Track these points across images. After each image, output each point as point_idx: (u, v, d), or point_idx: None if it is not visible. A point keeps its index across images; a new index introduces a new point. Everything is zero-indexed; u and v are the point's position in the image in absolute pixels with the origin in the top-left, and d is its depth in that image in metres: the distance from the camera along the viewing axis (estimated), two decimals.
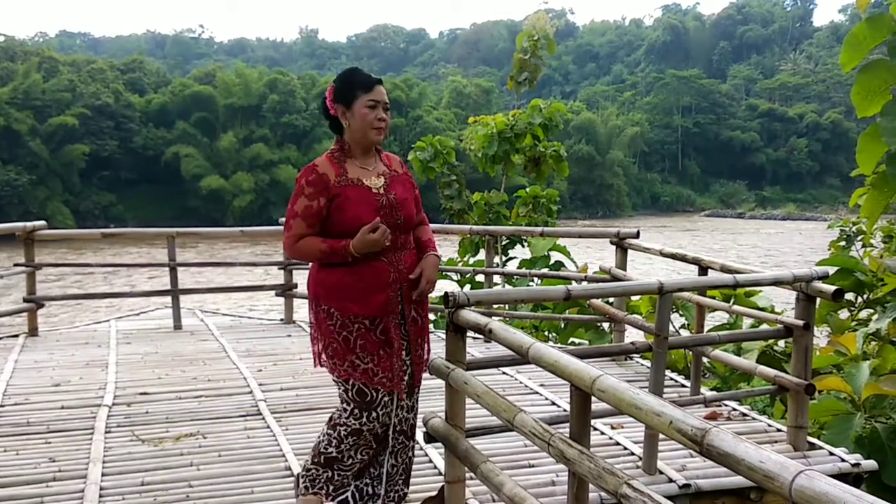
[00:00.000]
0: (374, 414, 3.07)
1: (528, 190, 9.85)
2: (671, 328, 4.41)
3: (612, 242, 5.85)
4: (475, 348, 5.84)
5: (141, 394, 5.01)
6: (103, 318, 8.75)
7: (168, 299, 7.29)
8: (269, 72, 63.86)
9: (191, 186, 53.23)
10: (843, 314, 6.76)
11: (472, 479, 3.18)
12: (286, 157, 55.64)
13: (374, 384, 3.04)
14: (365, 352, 3.04)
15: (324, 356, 3.11)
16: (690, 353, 4.92)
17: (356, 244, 2.99)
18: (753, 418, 4.56)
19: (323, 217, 3.04)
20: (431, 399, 4.74)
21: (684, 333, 6.68)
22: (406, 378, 3.16)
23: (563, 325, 7.61)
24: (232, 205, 52.42)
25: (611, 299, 5.81)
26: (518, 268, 8.36)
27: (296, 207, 3.04)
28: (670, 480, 3.61)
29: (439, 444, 3.30)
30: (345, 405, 3.10)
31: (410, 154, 10.27)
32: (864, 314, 6.74)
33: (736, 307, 5.44)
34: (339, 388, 3.13)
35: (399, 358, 3.09)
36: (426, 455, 3.91)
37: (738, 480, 3.50)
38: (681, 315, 6.99)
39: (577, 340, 7.41)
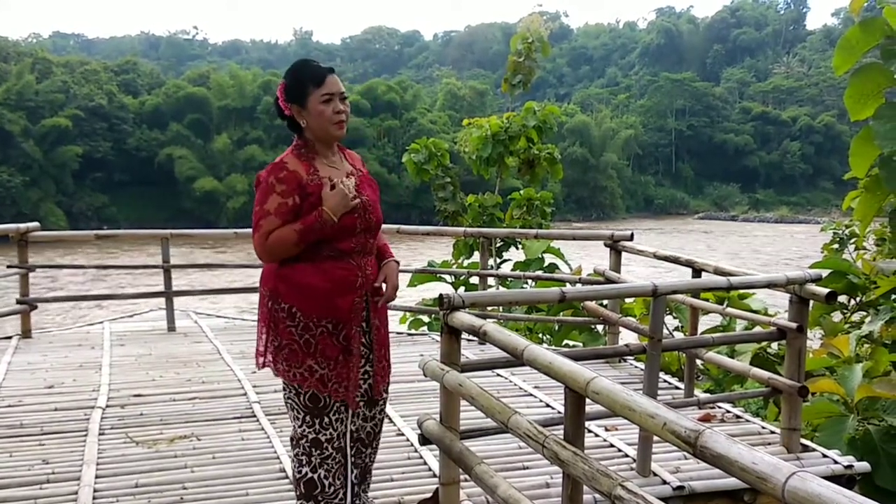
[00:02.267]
0: (326, 420, 2.88)
1: (522, 192, 9.84)
2: (665, 330, 4.41)
3: (606, 245, 5.86)
4: (470, 350, 5.83)
5: (135, 396, 4.99)
6: (97, 319, 8.73)
7: (161, 301, 7.28)
8: (263, 73, 63.78)
9: (184, 188, 53.17)
10: (837, 317, 6.78)
11: (466, 480, 3.18)
12: None
13: (327, 391, 2.86)
14: (323, 357, 2.84)
15: (275, 358, 2.88)
16: (684, 355, 4.93)
17: (329, 204, 2.81)
18: (747, 420, 4.57)
19: (297, 216, 2.82)
20: (426, 401, 4.76)
21: (678, 335, 6.70)
22: (364, 388, 3.01)
23: (557, 328, 7.62)
24: (226, 206, 52.32)
25: (605, 301, 5.83)
26: (512, 270, 8.36)
27: (267, 206, 2.80)
28: (664, 482, 3.62)
29: (434, 446, 3.30)
30: (295, 413, 2.91)
31: (405, 156, 10.26)
32: (857, 317, 6.76)
33: (729, 309, 5.46)
34: (288, 393, 2.92)
35: (356, 367, 2.93)
36: (421, 457, 3.91)
37: (731, 482, 3.51)
38: (675, 317, 7.02)
39: (571, 342, 7.43)
